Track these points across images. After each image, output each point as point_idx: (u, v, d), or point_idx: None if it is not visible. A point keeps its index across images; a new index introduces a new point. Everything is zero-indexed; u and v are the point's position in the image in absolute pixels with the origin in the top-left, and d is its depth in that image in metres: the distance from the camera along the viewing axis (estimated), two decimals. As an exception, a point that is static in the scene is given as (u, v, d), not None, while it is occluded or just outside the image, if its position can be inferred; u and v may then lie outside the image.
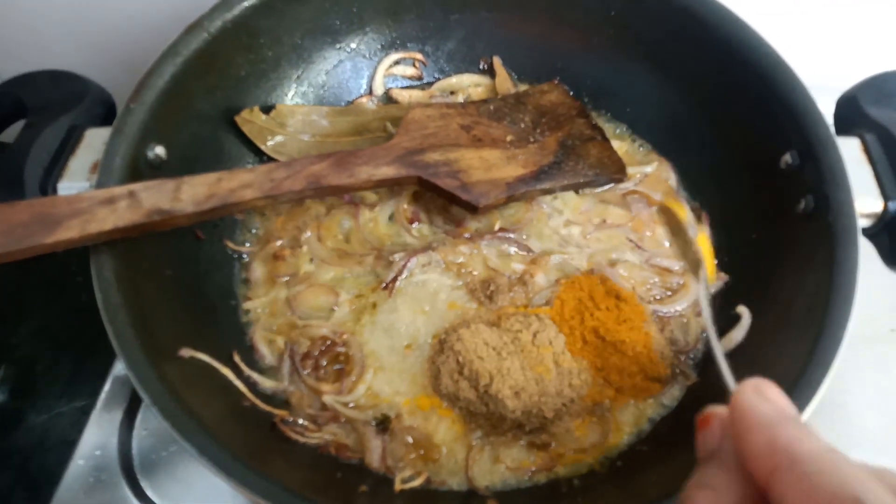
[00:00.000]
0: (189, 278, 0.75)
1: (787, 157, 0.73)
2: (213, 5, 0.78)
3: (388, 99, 0.95)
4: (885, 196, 0.69)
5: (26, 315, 1.06)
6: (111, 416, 0.82)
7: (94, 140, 0.73)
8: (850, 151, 0.72)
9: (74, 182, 0.71)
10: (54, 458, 0.86)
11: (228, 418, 0.66)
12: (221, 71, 0.81)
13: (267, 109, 0.86)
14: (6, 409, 0.96)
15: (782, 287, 0.71)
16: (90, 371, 0.99)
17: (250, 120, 0.84)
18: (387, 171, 0.76)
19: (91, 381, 0.97)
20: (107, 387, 0.85)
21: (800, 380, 0.60)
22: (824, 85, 0.78)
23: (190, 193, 0.67)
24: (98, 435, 0.81)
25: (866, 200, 0.70)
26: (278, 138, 0.85)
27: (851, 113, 0.76)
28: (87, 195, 0.64)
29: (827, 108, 0.77)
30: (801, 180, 0.71)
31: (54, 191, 0.70)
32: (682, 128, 0.87)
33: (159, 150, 0.73)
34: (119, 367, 0.86)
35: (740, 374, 0.70)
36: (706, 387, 0.74)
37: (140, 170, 0.70)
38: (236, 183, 0.69)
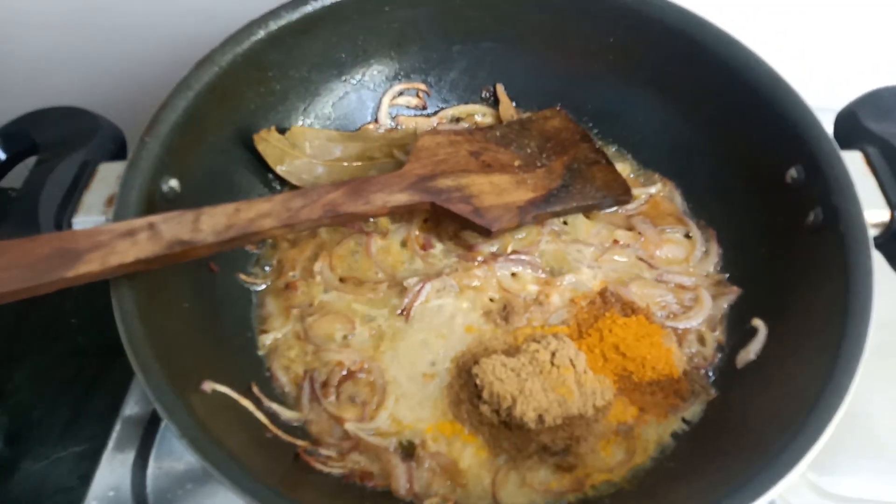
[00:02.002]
0: (205, 310, 0.74)
1: (793, 172, 0.75)
2: (224, 40, 0.79)
3: (394, 126, 0.96)
4: (892, 205, 0.71)
5: (21, 360, 1.04)
6: (123, 455, 0.80)
7: (108, 174, 0.73)
8: (854, 164, 0.73)
9: (90, 216, 0.70)
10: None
11: (253, 449, 0.65)
12: (232, 104, 0.82)
13: (282, 131, 0.86)
14: (1, 458, 0.94)
15: (797, 299, 0.72)
16: (89, 415, 0.97)
17: (266, 139, 0.84)
18: (401, 198, 0.77)
19: (91, 424, 0.96)
20: (118, 427, 0.83)
21: (824, 390, 0.60)
22: (821, 105, 0.80)
23: (209, 224, 0.67)
24: (111, 476, 0.79)
25: (873, 211, 0.71)
26: (290, 162, 0.86)
27: (851, 128, 0.78)
28: (107, 228, 0.63)
29: (826, 128, 0.79)
30: (808, 194, 0.73)
31: (69, 225, 0.70)
32: (685, 148, 0.89)
33: (173, 183, 0.73)
34: (129, 407, 0.85)
35: (760, 388, 0.71)
36: (726, 402, 0.74)
37: (155, 202, 0.70)
38: (254, 213, 0.69)
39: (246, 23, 0.80)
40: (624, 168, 0.92)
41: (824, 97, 0.85)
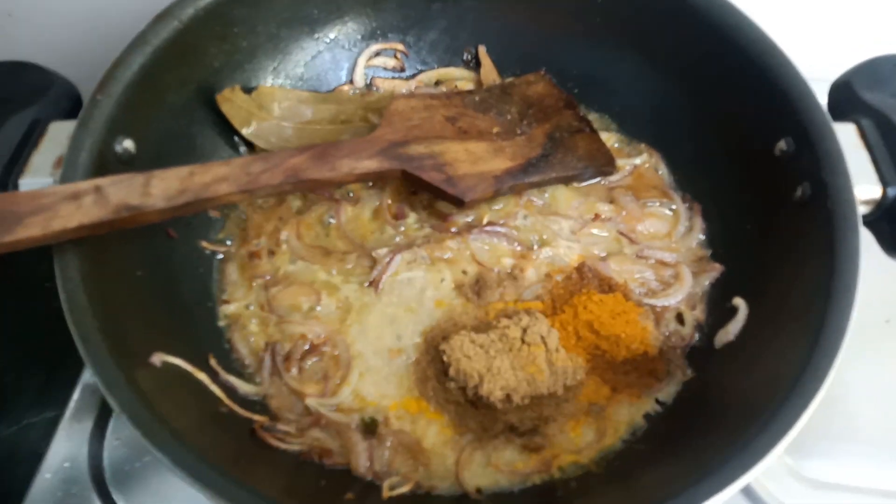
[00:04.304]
0: (162, 279, 0.71)
1: (782, 144, 0.71)
2: (184, -8, 0.75)
3: (370, 88, 0.92)
4: (884, 182, 0.68)
5: (-8, 323, 1.01)
6: (81, 426, 0.78)
7: (59, 134, 0.70)
8: (847, 137, 0.70)
9: (37, 178, 0.67)
10: (25, 471, 0.82)
11: (205, 425, 0.62)
12: (194, 61, 0.78)
13: (248, 91, 0.82)
14: (-27, 423, 0.91)
15: (781, 277, 0.69)
16: (62, 380, 0.94)
17: (230, 99, 0.80)
18: (369, 165, 0.73)
19: (63, 390, 0.93)
20: (76, 395, 0.81)
21: (802, 375, 0.58)
22: (815, 75, 0.77)
23: (161, 188, 0.63)
24: (67, 446, 0.77)
25: (864, 187, 0.68)
26: (257, 124, 0.82)
27: (846, 98, 0.75)
28: (51, 190, 0.60)
29: (819, 99, 0.75)
30: (797, 167, 0.69)
31: (15, 187, 0.67)
32: (672, 117, 0.85)
33: (128, 144, 0.69)
34: (88, 375, 0.81)
35: (738, 369, 0.69)
36: (703, 383, 0.71)
37: (108, 164, 0.67)
38: (210, 177, 0.66)
39: (208, -26, 0.76)
40: (609, 137, 0.88)
41: (820, 67, 0.81)
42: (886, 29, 0.96)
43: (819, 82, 0.77)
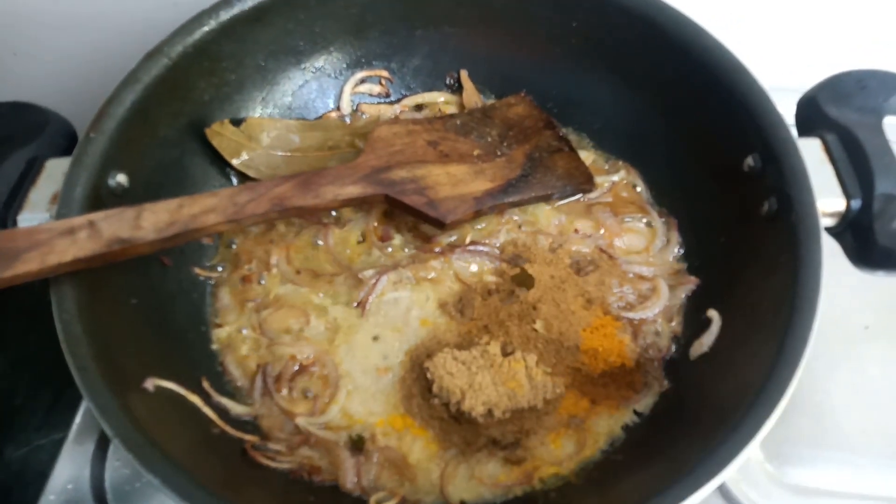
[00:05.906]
0: (155, 306, 0.74)
1: (750, 160, 0.73)
2: (173, 31, 0.78)
3: (357, 115, 0.95)
4: (847, 195, 0.70)
5: (3, 346, 1.04)
6: (83, 448, 0.81)
7: (55, 171, 0.73)
8: (812, 152, 0.72)
9: (35, 213, 0.70)
10: (33, 492, 0.84)
11: (197, 447, 0.65)
12: (184, 96, 0.81)
13: (237, 123, 0.85)
14: (-17, 444, 0.94)
15: (750, 289, 0.71)
16: (69, 402, 0.97)
17: (220, 132, 0.83)
18: (353, 191, 0.76)
19: (69, 412, 0.96)
20: (78, 419, 0.84)
21: (768, 381, 0.60)
22: (786, 86, 0.79)
23: (151, 221, 0.66)
24: (70, 468, 0.80)
25: (829, 200, 0.70)
26: (246, 154, 0.85)
27: (812, 114, 0.76)
28: (46, 227, 0.63)
29: (789, 109, 0.78)
30: (764, 182, 0.71)
31: (14, 223, 0.70)
32: (647, 135, 0.87)
33: (121, 178, 0.72)
34: (89, 399, 0.85)
35: (711, 379, 0.71)
36: (679, 393, 0.74)
37: (102, 199, 0.70)
38: (198, 208, 0.69)
39: (196, 13, 0.79)
40: (588, 155, 0.90)
41: (789, 77, 0.83)
42: (852, 42, 0.99)
43: (791, 92, 0.80)
